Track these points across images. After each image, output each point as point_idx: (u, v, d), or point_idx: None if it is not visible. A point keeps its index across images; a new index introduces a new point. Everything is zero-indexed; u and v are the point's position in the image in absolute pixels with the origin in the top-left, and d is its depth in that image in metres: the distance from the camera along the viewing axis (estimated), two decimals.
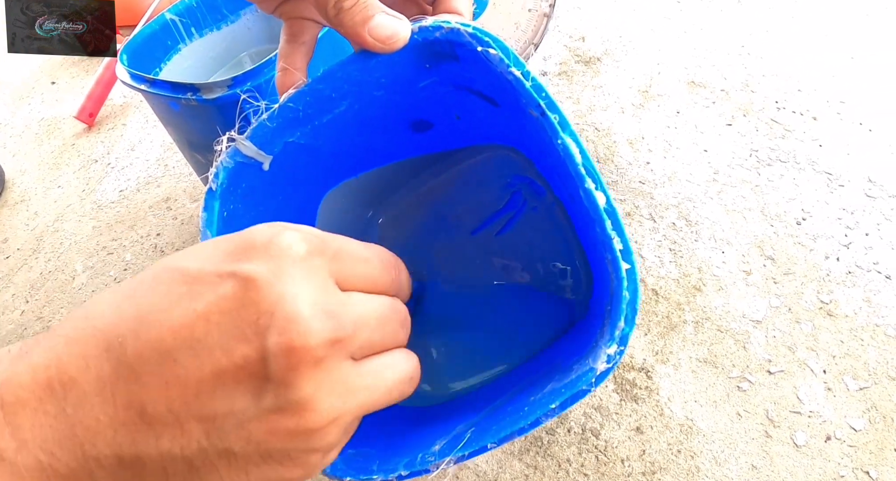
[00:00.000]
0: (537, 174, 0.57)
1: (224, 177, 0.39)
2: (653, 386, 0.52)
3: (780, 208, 0.63)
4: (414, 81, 0.45)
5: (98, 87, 0.88)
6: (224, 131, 0.56)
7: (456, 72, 0.45)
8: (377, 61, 0.41)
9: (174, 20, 0.62)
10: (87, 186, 0.80)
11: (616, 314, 0.31)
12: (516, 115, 0.48)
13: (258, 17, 0.68)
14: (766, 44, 0.82)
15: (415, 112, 0.50)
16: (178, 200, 0.75)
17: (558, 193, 0.55)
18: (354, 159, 0.51)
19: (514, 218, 0.56)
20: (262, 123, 0.40)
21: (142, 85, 0.52)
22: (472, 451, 0.31)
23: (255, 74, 0.49)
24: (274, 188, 0.44)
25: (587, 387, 0.31)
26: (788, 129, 0.71)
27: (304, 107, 0.41)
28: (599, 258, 0.39)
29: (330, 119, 0.44)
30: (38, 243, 0.74)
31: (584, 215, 0.38)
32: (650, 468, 0.48)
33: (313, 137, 0.44)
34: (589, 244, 0.49)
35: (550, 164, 0.53)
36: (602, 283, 0.40)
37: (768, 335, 0.54)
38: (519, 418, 0.31)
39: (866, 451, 0.48)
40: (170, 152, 0.81)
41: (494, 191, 0.57)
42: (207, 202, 0.38)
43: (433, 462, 0.31)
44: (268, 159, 0.42)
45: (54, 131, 0.90)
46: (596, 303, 0.48)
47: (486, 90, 0.47)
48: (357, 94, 0.43)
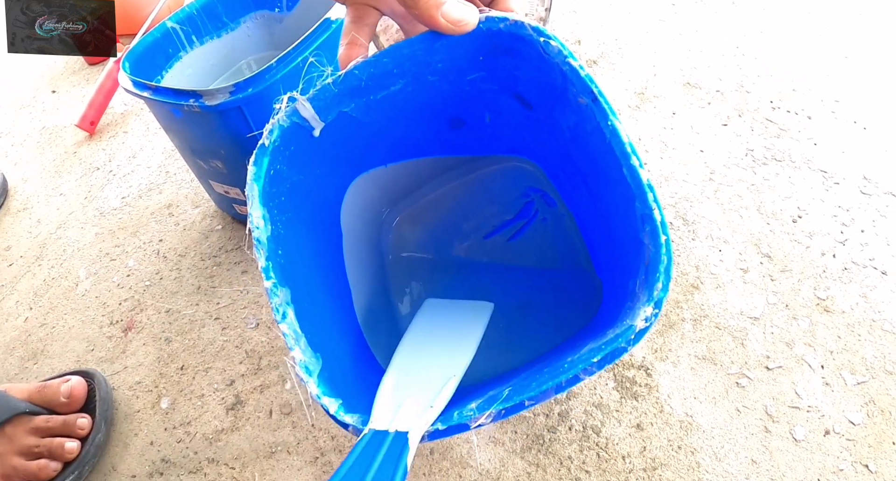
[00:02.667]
0: (550, 187, 0.58)
1: (278, 135, 0.41)
2: (652, 383, 0.53)
3: (776, 206, 0.64)
4: (465, 72, 0.48)
5: (99, 96, 0.89)
6: (226, 138, 0.57)
7: (505, 67, 0.48)
8: (441, 44, 0.43)
9: (175, 28, 0.62)
10: (90, 193, 0.80)
11: (653, 278, 0.34)
12: (545, 119, 0.51)
13: (258, 25, 0.69)
14: (761, 44, 0.83)
15: (454, 107, 0.52)
16: (179, 206, 0.75)
17: (570, 205, 0.57)
18: (389, 146, 0.53)
19: (525, 226, 0.58)
20: (325, 87, 0.43)
21: (144, 92, 0.53)
22: (510, 407, 0.32)
23: (258, 80, 0.50)
24: (317, 158, 0.46)
25: (626, 345, 0.33)
26: (783, 129, 0.72)
27: (366, 77, 0.43)
28: (625, 245, 0.41)
29: (384, 96, 0.46)
30: (41, 250, 0.75)
31: (617, 201, 0.41)
32: (651, 464, 0.48)
33: (365, 113, 0.46)
34: (604, 246, 0.51)
35: (566, 175, 0.55)
36: (622, 277, 0.42)
37: (766, 331, 0.55)
38: (558, 374, 0.33)
39: (865, 445, 0.48)
40: (171, 159, 0.82)
41: (508, 200, 0.60)
42: (258, 157, 0.40)
43: (471, 417, 0.32)
44: (320, 126, 0.44)
45: (56, 139, 0.91)
46: (605, 311, 0.49)
47: (528, 89, 0.50)
48: (415, 74, 0.45)
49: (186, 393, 0.58)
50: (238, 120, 0.52)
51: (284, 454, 0.53)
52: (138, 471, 0.54)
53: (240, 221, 0.71)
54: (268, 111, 0.53)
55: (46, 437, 0.53)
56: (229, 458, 0.53)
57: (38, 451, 0.53)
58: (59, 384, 0.56)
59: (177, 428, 0.56)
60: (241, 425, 0.55)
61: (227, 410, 0.56)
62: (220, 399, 0.57)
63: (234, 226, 0.71)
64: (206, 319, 0.63)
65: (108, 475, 0.54)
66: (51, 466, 0.52)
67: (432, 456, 0.51)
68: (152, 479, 0.53)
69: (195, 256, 0.69)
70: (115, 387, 0.60)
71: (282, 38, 0.69)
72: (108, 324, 0.65)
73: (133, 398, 0.59)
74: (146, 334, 0.63)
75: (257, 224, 0.38)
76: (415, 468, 0.50)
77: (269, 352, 0.59)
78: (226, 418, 0.56)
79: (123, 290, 0.68)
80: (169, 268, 0.69)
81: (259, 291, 0.64)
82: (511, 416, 0.32)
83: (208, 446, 0.54)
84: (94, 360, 0.62)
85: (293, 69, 0.52)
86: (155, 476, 0.53)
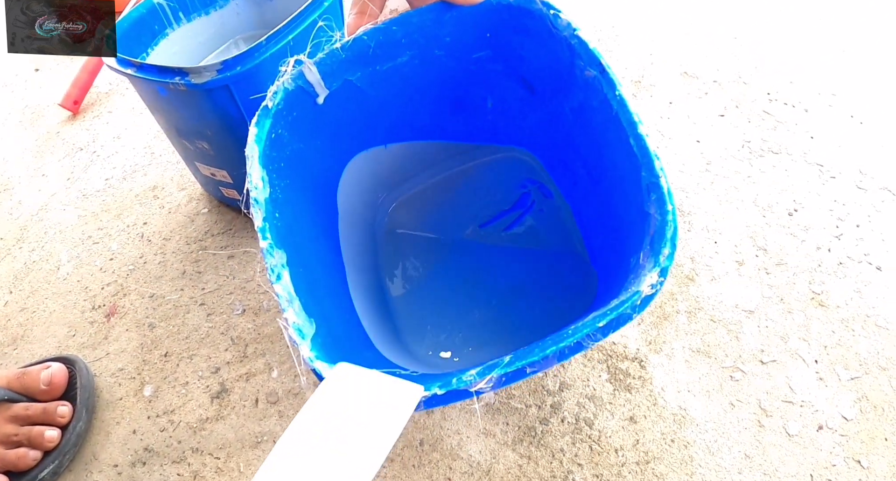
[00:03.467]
0: (548, 178, 0.58)
1: (281, 98, 0.41)
2: (646, 375, 0.52)
3: (771, 199, 0.63)
4: (471, 49, 0.48)
5: (83, 74, 0.86)
6: (213, 118, 0.56)
7: (511, 46, 0.47)
8: (451, 15, 0.44)
9: (162, 4, 0.60)
10: (72, 175, 0.78)
11: (659, 246, 0.34)
12: (547, 104, 0.51)
13: (247, 2, 0.67)
14: (759, 35, 0.82)
15: (458, 87, 0.52)
16: (165, 189, 0.73)
17: (567, 196, 0.57)
18: (390, 125, 0.53)
19: (521, 216, 0.57)
20: (333, 51, 0.42)
21: (128, 69, 0.51)
22: (511, 372, 0.31)
23: (246, 58, 0.48)
24: (319, 128, 0.46)
25: (631, 311, 0.32)
26: (780, 121, 0.71)
27: (375, 44, 0.43)
28: (625, 227, 0.42)
29: (391, 67, 0.46)
30: (21, 233, 0.73)
31: (622, 176, 0.41)
32: (644, 457, 0.48)
33: (370, 83, 0.46)
34: (601, 236, 0.51)
35: (564, 165, 0.55)
36: (620, 264, 0.42)
37: (760, 325, 0.54)
38: (561, 340, 0.32)
39: (857, 440, 0.48)
40: (156, 140, 0.80)
41: (505, 191, 0.59)
42: (260, 119, 0.40)
43: (471, 382, 0.31)
44: (324, 93, 0.44)
45: (38, 119, 0.88)
46: (601, 300, 0.49)
47: (532, 69, 0.49)
48: (422, 46, 0.45)
49: (170, 381, 0.57)
50: (226, 99, 0.51)
51: (271, 444, 0.52)
52: (120, 460, 0.53)
53: (226, 204, 0.69)
54: (257, 90, 0.51)
55: (26, 425, 0.52)
56: (214, 448, 0.52)
57: (17, 440, 0.51)
58: (39, 371, 0.54)
59: (160, 416, 0.55)
60: (227, 414, 0.54)
61: (212, 398, 0.55)
62: (204, 387, 0.56)
63: (220, 209, 0.69)
64: (191, 305, 0.62)
65: (89, 464, 0.53)
66: (30, 455, 0.51)
67: (422, 448, 0.50)
68: (135, 468, 0.52)
69: (180, 240, 0.67)
70: (97, 374, 0.58)
71: (272, 16, 0.67)
72: (91, 308, 0.63)
73: (115, 385, 0.57)
74: (129, 320, 0.62)
75: (256, 184, 0.37)
76: (404, 459, 0.49)
77: (255, 339, 0.58)
78: (210, 407, 0.54)
79: (106, 274, 0.66)
80: (153, 252, 0.67)
81: (246, 277, 0.63)
82: (512, 384, 0.31)
83: (192, 435, 0.53)
84: (75, 346, 0.61)
85: (283, 47, 0.50)
86: (137, 465, 0.52)
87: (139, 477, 0.52)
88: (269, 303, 0.60)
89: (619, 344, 0.54)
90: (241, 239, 0.66)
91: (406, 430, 0.51)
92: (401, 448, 0.50)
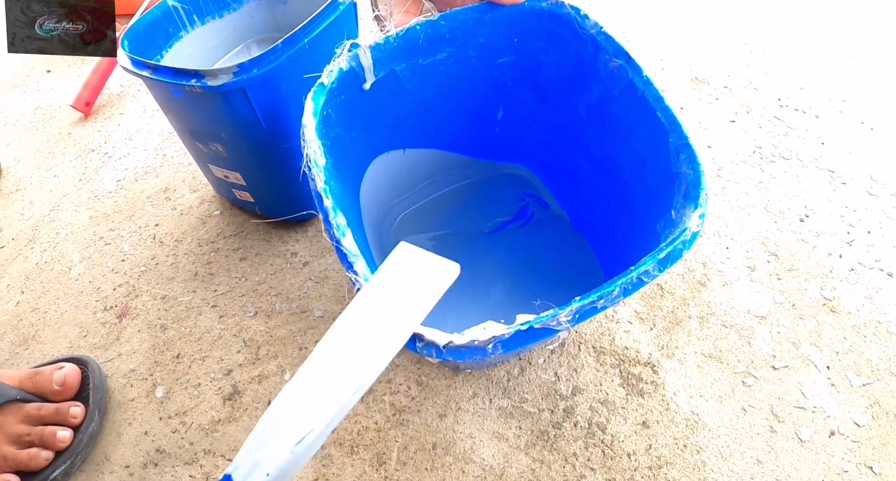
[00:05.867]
0: (545, 191, 0.63)
1: (336, 77, 0.44)
2: (658, 380, 0.52)
3: (783, 205, 0.63)
4: (499, 52, 0.52)
5: (95, 76, 0.87)
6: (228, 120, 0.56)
7: (534, 53, 0.51)
8: (491, 16, 0.48)
9: (176, 7, 0.61)
10: (84, 176, 0.79)
11: (696, 192, 0.38)
12: (557, 111, 0.55)
13: (261, 5, 0.67)
14: (769, 41, 0.82)
15: (478, 93, 0.55)
16: (176, 190, 0.74)
17: (564, 206, 0.60)
18: (413, 127, 0.56)
19: (522, 227, 0.60)
20: (387, 39, 0.46)
21: (144, 71, 0.51)
22: (587, 306, 0.33)
23: (262, 61, 0.48)
24: (359, 116, 0.48)
25: (682, 247, 0.35)
26: (791, 127, 0.71)
27: (424, 36, 0.47)
28: (647, 196, 0.46)
29: (430, 63, 0.50)
30: (33, 233, 0.73)
31: (645, 150, 0.45)
32: (656, 462, 0.48)
33: (410, 76, 0.50)
34: (608, 230, 0.53)
35: (564, 174, 0.59)
36: (632, 247, 0.46)
37: (772, 331, 0.54)
38: (625, 276, 0.34)
39: (869, 447, 0.48)
40: (168, 142, 0.80)
41: (506, 203, 0.63)
42: (316, 94, 0.43)
43: (552, 317, 0.32)
44: (371, 79, 0.47)
45: (50, 120, 0.89)
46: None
47: (550, 74, 0.53)
48: (460, 44, 0.50)
49: (182, 382, 0.57)
50: (241, 102, 0.51)
51: None
52: (132, 461, 0.53)
53: (239, 207, 0.70)
54: (272, 93, 0.52)
55: (38, 425, 0.52)
56: (226, 450, 0.52)
57: (30, 440, 0.51)
58: (52, 371, 0.54)
59: (172, 417, 0.55)
60: (239, 416, 0.54)
61: (224, 400, 0.55)
62: (216, 388, 0.56)
63: (232, 211, 0.70)
64: (203, 306, 0.62)
65: (100, 465, 0.53)
66: (42, 455, 0.51)
67: (435, 451, 0.50)
68: (146, 470, 0.52)
69: (192, 242, 0.68)
70: (109, 375, 0.58)
71: (285, 19, 0.68)
72: (102, 309, 0.64)
73: (127, 386, 0.57)
74: (141, 321, 0.62)
75: (314, 150, 0.39)
76: (417, 463, 0.49)
77: (267, 341, 0.58)
78: (223, 408, 0.55)
79: (118, 275, 0.66)
80: (165, 253, 0.67)
81: (258, 279, 0.63)
82: (585, 320, 0.33)
83: (204, 437, 0.53)
84: (87, 347, 0.61)
85: (299, 51, 0.50)
86: (149, 466, 0.52)
87: (151, 478, 0.52)
88: (282, 306, 0.60)
89: (632, 349, 0.54)
90: (254, 241, 0.66)
91: (419, 433, 0.51)
92: (413, 451, 0.50)
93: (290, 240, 0.66)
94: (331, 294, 0.61)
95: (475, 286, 0.57)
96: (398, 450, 0.50)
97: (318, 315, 0.59)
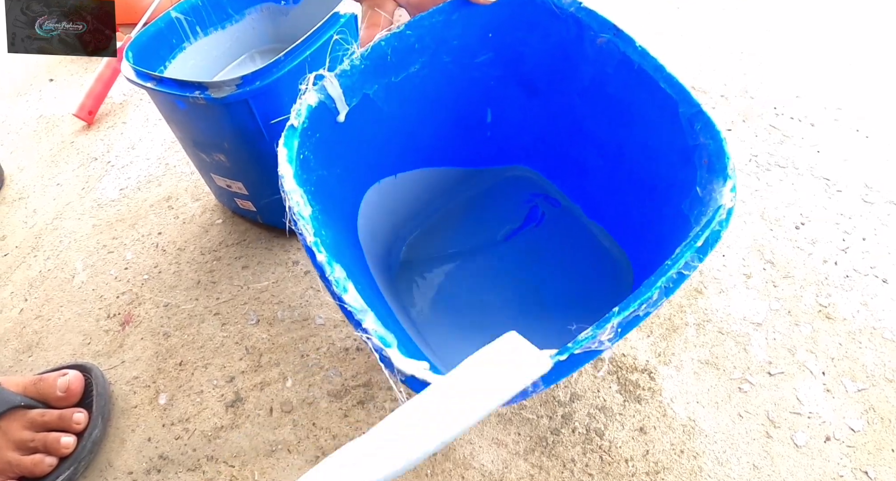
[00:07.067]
0: (552, 187, 0.60)
1: (306, 116, 0.40)
2: (655, 387, 0.53)
3: (779, 213, 0.64)
4: (475, 52, 0.49)
5: (98, 85, 0.88)
6: (231, 131, 0.57)
7: (512, 45, 0.49)
8: (458, 15, 0.45)
9: (179, 19, 0.62)
10: (87, 184, 0.79)
11: (722, 163, 0.36)
12: (550, 102, 0.52)
13: (263, 17, 0.68)
14: (765, 49, 0.83)
15: (461, 100, 0.54)
16: (179, 199, 0.74)
17: (574, 198, 0.58)
18: (400, 150, 0.54)
19: (535, 228, 0.59)
20: (352, 62, 0.43)
21: (149, 83, 0.52)
22: (628, 317, 0.30)
23: (265, 73, 0.49)
24: (339, 153, 0.46)
25: (720, 228, 0.33)
26: (787, 135, 0.72)
27: (391, 51, 0.45)
28: (666, 177, 0.44)
29: (403, 78, 0.47)
30: (36, 241, 0.74)
31: (655, 126, 0.43)
32: (654, 468, 0.48)
33: (385, 97, 0.47)
34: (629, 212, 0.53)
35: (569, 166, 0.57)
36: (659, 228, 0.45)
37: (768, 337, 0.55)
38: (663, 273, 0.31)
39: (865, 452, 0.49)
40: (170, 151, 0.81)
41: (513, 209, 0.62)
42: (288, 139, 0.39)
43: (592, 339, 0.29)
44: (345, 110, 0.44)
45: (53, 128, 0.90)
46: (637, 265, 0.52)
47: (535, 65, 0.50)
48: (433, 52, 0.47)
49: (185, 389, 0.57)
50: (244, 113, 0.52)
51: (285, 453, 0.52)
52: (135, 468, 0.53)
53: (241, 216, 0.70)
54: (275, 105, 0.53)
55: (42, 432, 0.53)
56: (228, 456, 0.53)
57: (34, 446, 0.52)
58: (56, 377, 0.55)
59: (175, 424, 0.55)
60: (241, 422, 0.55)
61: (227, 407, 0.56)
62: (219, 395, 0.57)
63: (234, 220, 0.70)
64: (206, 314, 0.62)
65: (104, 471, 0.54)
66: (46, 461, 0.51)
67: (434, 458, 0.50)
68: (150, 476, 0.53)
69: (195, 250, 0.68)
70: (112, 382, 0.59)
71: (287, 31, 0.69)
72: (106, 317, 0.64)
73: (130, 393, 0.58)
74: (144, 328, 0.63)
75: (297, 201, 0.36)
76: (417, 468, 0.50)
77: (269, 349, 0.59)
78: (225, 415, 0.55)
79: (121, 283, 0.67)
80: (168, 261, 0.68)
81: (260, 287, 0.63)
82: (628, 332, 0.30)
83: (207, 443, 0.54)
84: (90, 354, 0.62)
85: (301, 63, 0.51)
86: (152, 473, 0.53)
87: None
88: (283, 314, 0.61)
89: (629, 355, 0.55)
90: (255, 250, 0.67)
91: None
92: None
93: (291, 249, 0.67)
94: (331, 302, 0.61)
95: (493, 302, 0.55)
96: None
97: (319, 323, 0.60)
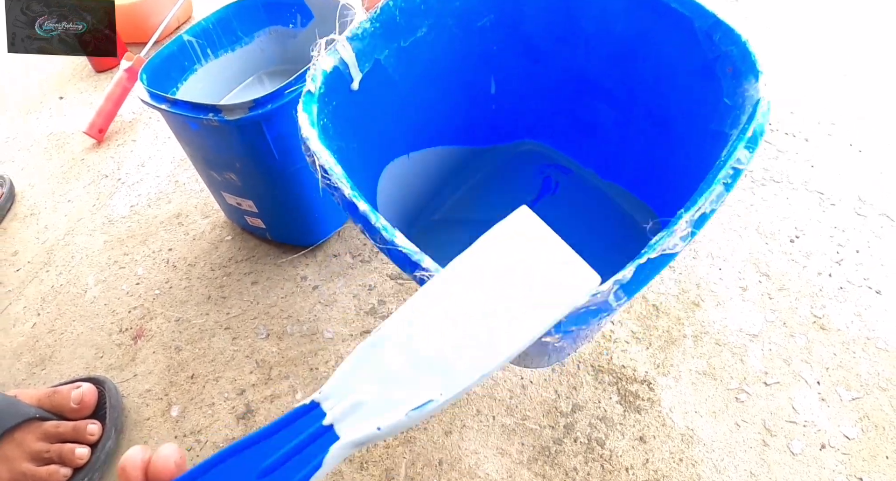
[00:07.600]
0: (562, 156, 0.62)
1: (322, 81, 0.40)
2: (655, 397, 0.54)
3: (774, 226, 0.66)
4: (477, 15, 0.50)
5: (108, 104, 0.90)
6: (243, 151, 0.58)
7: (511, 2, 0.49)
8: None
9: (191, 41, 0.64)
10: (98, 201, 0.81)
11: (746, 59, 0.35)
12: (555, 64, 0.52)
13: (271, 40, 0.70)
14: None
15: (465, 68, 0.54)
16: (189, 216, 0.76)
17: (586, 164, 0.61)
18: (411, 126, 0.54)
19: (551, 198, 0.61)
20: (362, 25, 0.43)
21: (163, 104, 0.54)
22: (655, 258, 0.28)
23: (277, 96, 0.51)
24: (356, 123, 0.45)
25: (763, 120, 0.33)
26: (781, 150, 0.74)
27: (399, 12, 0.45)
28: (689, 111, 0.43)
29: (412, 43, 0.48)
30: (48, 256, 0.76)
31: (670, 51, 0.42)
32: (654, 476, 0.50)
33: (396, 64, 0.47)
34: (648, 158, 0.53)
35: (578, 129, 0.58)
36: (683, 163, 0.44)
37: (764, 348, 0.57)
38: (708, 182, 0.30)
39: (859, 459, 0.50)
40: (180, 169, 0.83)
41: (527, 183, 0.62)
42: (306, 104, 0.38)
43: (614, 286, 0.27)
44: (358, 76, 0.43)
45: (63, 146, 0.92)
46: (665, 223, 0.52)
47: (536, 21, 0.51)
48: (437, 14, 0.47)
49: (197, 402, 0.59)
50: (255, 134, 0.54)
51: None
52: None
53: (250, 232, 0.72)
54: (286, 125, 0.55)
55: (57, 443, 0.54)
56: None
57: (48, 457, 0.53)
58: (70, 390, 0.56)
59: (187, 436, 0.57)
60: None
61: (238, 419, 0.57)
62: (230, 408, 0.58)
63: (243, 236, 0.72)
64: (217, 329, 0.64)
65: None
66: (61, 471, 0.53)
67: (441, 467, 0.52)
68: None
69: (205, 266, 0.70)
70: (125, 395, 0.60)
71: (295, 53, 0.71)
72: (118, 331, 0.66)
73: (143, 406, 0.60)
74: (156, 342, 0.64)
75: (327, 160, 0.34)
76: (424, 478, 0.51)
77: (279, 362, 0.60)
78: (236, 427, 0.57)
79: (133, 298, 0.69)
80: (178, 277, 0.70)
81: (269, 302, 0.65)
82: (658, 272, 0.29)
83: None
84: (103, 367, 0.63)
85: None
86: None
87: None
88: (293, 328, 0.63)
89: (629, 367, 0.56)
90: (265, 266, 0.69)
91: (426, 450, 0.53)
92: (420, 467, 0.52)
93: (299, 265, 0.68)
94: (339, 317, 0.63)
95: None
96: (406, 466, 0.52)
97: (327, 337, 0.62)
